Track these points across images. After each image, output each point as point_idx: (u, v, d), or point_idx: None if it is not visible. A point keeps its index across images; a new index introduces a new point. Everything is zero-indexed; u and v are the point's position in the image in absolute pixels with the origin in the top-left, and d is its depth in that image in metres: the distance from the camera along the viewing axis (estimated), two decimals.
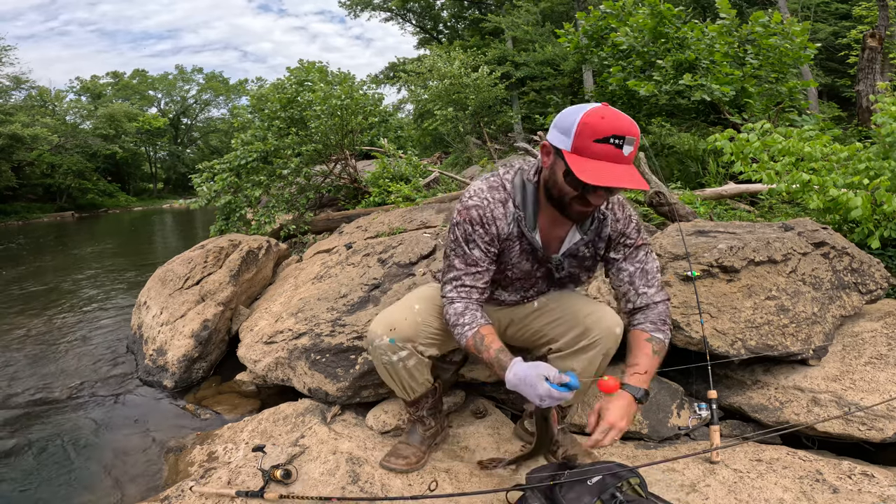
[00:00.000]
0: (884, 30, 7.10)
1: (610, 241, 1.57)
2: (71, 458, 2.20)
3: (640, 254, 1.58)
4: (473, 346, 1.48)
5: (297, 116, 6.39)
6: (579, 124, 1.27)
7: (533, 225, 1.49)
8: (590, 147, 1.27)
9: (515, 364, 1.38)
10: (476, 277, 1.53)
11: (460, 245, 1.52)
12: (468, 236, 1.50)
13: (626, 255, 1.57)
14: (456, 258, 1.54)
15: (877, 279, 2.28)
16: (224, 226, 5.96)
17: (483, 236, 1.49)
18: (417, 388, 1.76)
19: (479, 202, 1.49)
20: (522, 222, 1.49)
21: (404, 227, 3.89)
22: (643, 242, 1.58)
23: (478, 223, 1.49)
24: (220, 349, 3.15)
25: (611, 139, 1.26)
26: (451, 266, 1.55)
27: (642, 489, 1.39)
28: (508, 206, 1.50)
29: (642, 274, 1.56)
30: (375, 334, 1.65)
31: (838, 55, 14.99)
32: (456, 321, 1.52)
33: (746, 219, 3.57)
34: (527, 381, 1.34)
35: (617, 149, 1.26)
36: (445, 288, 1.57)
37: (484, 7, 22.44)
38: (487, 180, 1.53)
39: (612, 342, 1.57)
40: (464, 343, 1.51)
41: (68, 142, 31.00)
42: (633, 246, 1.57)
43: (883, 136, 2.92)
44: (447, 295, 1.56)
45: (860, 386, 1.88)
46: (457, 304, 1.54)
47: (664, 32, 5.82)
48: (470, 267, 1.52)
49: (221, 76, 50.42)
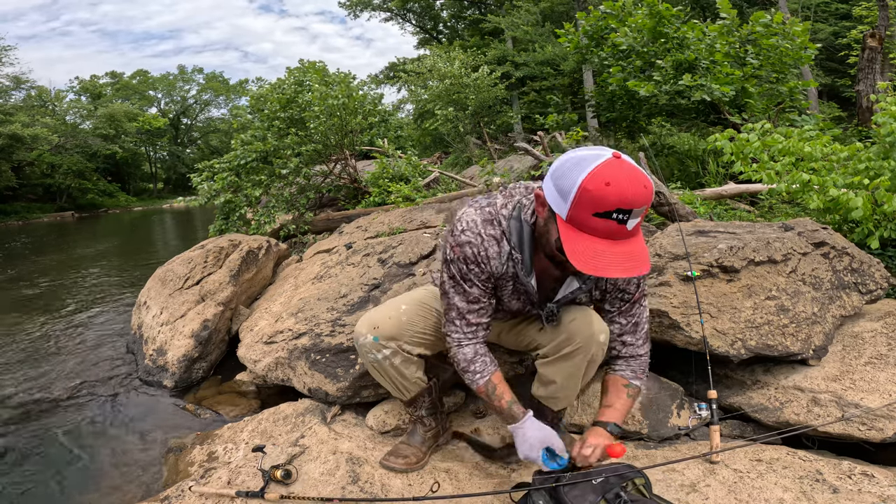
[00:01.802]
0: (884, 30, 7.10)
1: (605, 291, 1.51)
2: (71, 458, 2.20)
3: (634, 308, 1.53)
4: (485, 394, 1.53)
5: (297, 116, 6.39)
6: (579, 190, 1.10)
7: (529, 269, 1.40)
8: (588, 221, 1.11)
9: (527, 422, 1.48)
10: (480, 314, 1.51)
11: (458, 283, 1.46)
12: (464, 275, 1.43)
13: (620, 309, 1.53)
14: (455, 296, 1.48)
15: (877, 279, 2.28)
16: (223, 225, 5.96)
17: (479, 275, 1.43)
18: (410, 387, 1.76)
19: (471, 238, 1.39)
20: (519, 266, 1.40)
21: (404, 227, 3.89)
22: (640, 296, 1.52)
23: (472, 262, 1.40)
24: (220, 349, 3.15)
25: (613, 214, 1.09)
26: (452, 305, 1.49)
27: (647, 489, 1.39)
28: (503, 245, 1.39)
29: (633, 327, 1.54)
30: (360, 332, 1.68)
31: (838, 55, 14.99)
32: (466, 367, 1.53)
33: (746, 219, 3.57)
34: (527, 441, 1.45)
35: (620, 224, 1.10)
36: (449, 328, 1.53)
37: (484, 7, 22.44)
38: (483, 211, 1.41)
39: (595, 348, 1.52)
40: (474, 388, 1.54)
41: (68, 142, 31.01)
42: (630, 301, 1.52)
43: (883, 135, 2.92)
44: (452, 336, 1.53)
45: (860, 386, 1.88)
46: (466, 350, 1.52)
47: (663, 32, 5.82)
48: (472, 305, 1.48)
49: (221, 76, 50.50)
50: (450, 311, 1.51)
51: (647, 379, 2.05)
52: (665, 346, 2.10)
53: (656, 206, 3.50)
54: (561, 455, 1.41)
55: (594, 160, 1.11)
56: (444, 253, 1.47)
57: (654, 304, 2.08)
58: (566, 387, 1.61)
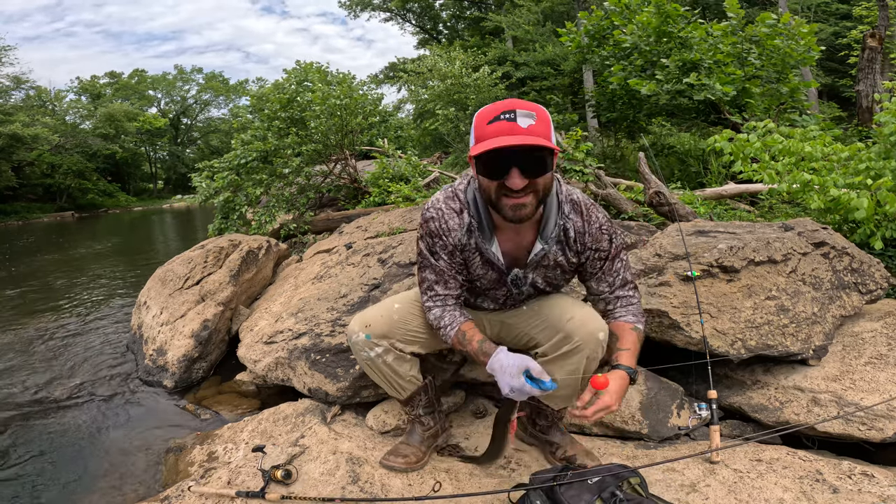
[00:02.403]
0: (884, 30, 7.10)
1: (579, 252, 1.55)
2: (71, 458, 2.20)
3: (615, 263, 1.57)
4: (458, 343, 1.55)
5: (297, 116, 6.39)
6: (476, 117, 1.34)
7: (490, 236, 1.49)
8: (485, 131, 1.29)
9: (500, 352, 1.43)
10: (448, 286, 1.58)
11: (427, 258, 1.57)
12: (431, 248, 1.54)
13: (602, 268, 1.57)
14: (425, 269, 1.59)
15: (877, 279, 2.28)
16: (223, 224, 5.96)
17: (444, 247, 1.53)
18: (406, 386, 1.77)
19: (434, 213, 1.52)
20: (476, 233, 1.49)
21: (404, 227, 3.89)
22: (618, 251, 1.56)
23: (436, 235, 1.52)
24: (220, 349, 3.15)
25: (501, 115, 1.27)
26: (424, 278, 1.60)
27: (643, 489, 1.39)
28: (464, 217, 1.50)
29: (622, 281, 1.60)
30: (352, 331, 1.71)
31: (838, 55, 14.99)
32: (438, 324, 1.59)
33: (746, 219, 3.57)
34: (506, 370, 1.37)
35: (510, 122, 1.26)
36: (423, 298, 1.63)
37: (484, 7, 22.45)
38: (445, 191, 1.55)
39: (594, 346, 1.53)
40: (450, 342, 1.57)
41: (68, 142, 31.03)
42: (608, 258, 1.56)
43: (885, 135, 2.92)
44: (426, 304, 1.63)
45: (860, 386, 1.88)
46: (435, 311, 1.60)
47: (668, 31, 5.81)
48: (439, 277, 1.57)
49: (221, 76, 50.48)
50: (422, 283, 1.62)
51: (648, 379, 2.06)
52: (665, 346, 2.10)
53: (656, 206, 3.50)
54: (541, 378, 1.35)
55: None
56: (418, 233, 1.60)
57: (654, 304, 2.08)
58: (567, 385, 1.61)
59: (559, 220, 1.49)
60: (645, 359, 2.08)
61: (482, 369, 2.12)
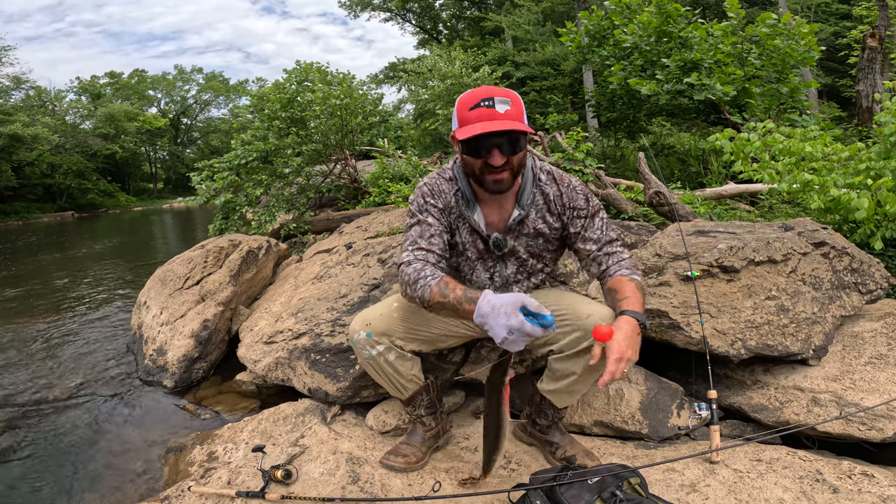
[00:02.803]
0: (884, 30, 7.10)
1: (560, 215, 1.66)
2: (71, 458, 2.20)
3: (596, 221, 1.65)
4: (439, 293, 1.43)
5: (297, 116, 6.39)
6: (457, 104, 1.50)
7: (472, 204, 1.63)
8: (467, 116, 1.46)
9: (487, 293, 1.32)
10: (431, 242, 1.59)
11: (415, 216, 1.63)
12: (421, 207, 1.63)
13: (584, 226, 1.65)
14: (412, 228, 1.63)
15: (877, 279, 2.28)
16: (223, 224, 5.96)
17: (434, 205, 1.63)
18: (407, 385, 1.77)
19: (427, 180, 1.68)
20: (461, 201, 1.63)
21: (404, 227, 3.88)
22: (596, 209, 1.66)
23: (428, 195, 1.64)
24: (220, 349, 3.15)
25: (481, 103, 1.44)
26: (408, 237, 1.63)
27: (643, 489, 1.39)
28: (452, 185, 1.66)
29: (607, 238, 1.65)
30: (353, 330, 1.71)
31: (838, 55, 14.99)
32: (417, 276, 1.49)
33: (746, 219, 3.57)
34: (499, 310, 1.25)
35: (489, 108, 1.43)
36: (402, 255, 1.58)
37: (484, 7, 22.45)
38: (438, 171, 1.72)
39: None
40: (428, 294, 1.45)
41: (68, 142, 31.02)
42: (587, 216, 1.65)
43: (885, 135, 2.92)
44: (403, 259, 1.56)
45: (860, 386, 1.88)
46: (415, 264, 1.53)
47: (668, 31, 5.81)
48: (424, 231, 1.60)
49: (221, 76, 50.46)
50: (405, 242, 1.63)
51: (647, 379, 2.06)
52: (665, 346, 2.10)
53: (656, 205, 3.50)
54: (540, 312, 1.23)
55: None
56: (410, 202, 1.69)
57: (654, 304, 2.08)
58: (582, 380, 1.64)
59: (534, 189, 1.64)
60: (645, 359, 2.08)
61: (482, 369, 2.13)
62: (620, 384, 2.04)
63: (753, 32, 5.77)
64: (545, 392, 1.74)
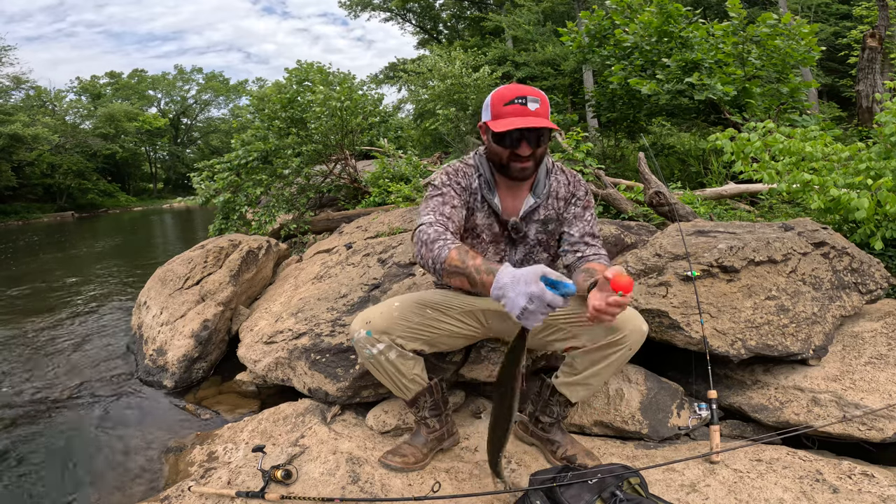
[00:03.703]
0: (884, 30, 7.09)
1: (566, 200, 1.81)
2: (71, 457, 2.20)
3: (587, 213, 1.80)
4: (458, 258, 1.41)
5: (298, 117, 6.39)
6: (492, 97, 1.64)
7: (492, 190, 1.74)
8: (502, 111, 1.60)
9: (507, 265, 1.29)
10: (452, 212, 1.66)
11: (439, 188, 1.70)
12: (445, 182, 1.71)
13: (575, 214, 1.80)
14: (432, 199, 1.68)
15: (877, 279, 2.28)
16: (223, 225, 5.96)
17: (458, 183, 1.73)
18: (410, 386, 1.76)
19: (453, 164, 1.80)
20: (483, 186, 1.74)
21: (404, 227, 3.89)
22: (589, 203, 1.82)
23: (453, 174, 1.75)
24: (220, 349, 3.15)
25: (515, 100, 1.59)
26: (428, 205, 1.67)
27: (643, 489, 1.39)
28: (474, 172, 1.77)
29: (590, 233, 1.78)
30: (354, 329, 1.72)
31: (838, 55, 14.99)
32: (437, 237, 1.49)
33: (746, 219, 3.57)
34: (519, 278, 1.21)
35: (522, 105, 1.58)
36: (421, 218, 1.62)
37: (484, 7, 22.45)
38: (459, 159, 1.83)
39: (639, 339, 1.64)
40: (445, 255, 1.43)
41: (68, 141, 31.02)
42: (581, 206, 1.80)
43: (885, 135, 2.91)
44: (424, 220, 1.59)
45: (860, 386, 1.88)
46: (436, 226, 1.55)
47: (669, 31, 5.81)
48: (446, 204, 1.67)
49: (221, 76, 50.46)
50: (425, 209, 1.67)
51: (647, 379, 2.06)
52: (665, 346, 2.10)
53: (656, 205, 3.50)
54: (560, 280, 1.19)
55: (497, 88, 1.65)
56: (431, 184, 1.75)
57: (654, 304, 2.08)
58: (601, 374, 1.69)
59: (548, 180, 1.78)
60: (645, 359, 2.08)
61: (482, 369, 2.13)
62: (621, 384, 2.05)
63: (754, 32, 5.77)
64: (560, 385, 1.75)
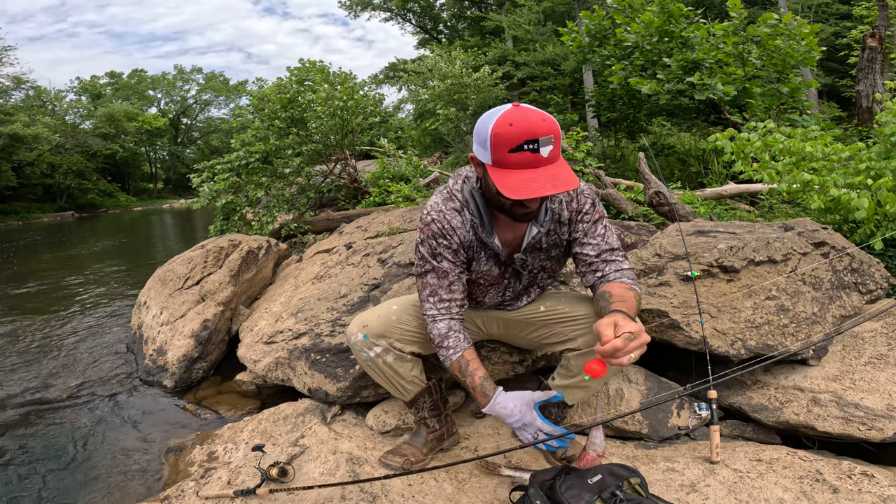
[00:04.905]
0: (884, 30, 7.09)
1: (570, 222, 1.57)
2: (71, 458, 2.20)
3: (598, 228, 1.56)
4: (458, 370, 1.51)
5: (298, 116, 6.39)
6: (491, 137, 1.26)
7: (490, 230, 1.51)
8: (507, 158, 1.26)
9: (500, 394, 1.42)
10: (451, 289, 1.55)
11: (429, 261, 1.54)
12: (434, 250, 1.53)
13: (586, 231, 1.56)
14: (427, 274, 1.55)
15: (877, 279, 2.28)
16: (224, 225, 5.96)
17: (448, 247, 1.52)
18: (409, 387, 1.76)
19: (435, 215, 1.52)
20: (479, 229, 1.51)
21: (404, 227, 3.89)
22: (600, 215, 1.58)
23: (440, 235, 1.51)
24: (220, 349, 3.15)
25: (524, 146, 1.24)
26: (426, 283, 1.56)
27: (643, 489, 1.39)
28: (465, 214, 1.52)
29: (607, 246, 1.55)
30: (351, 332, 1.72)
31: (838, 55, 14.99)
32: (441, 343, 1.55)
33: (746, 219, 3.57)
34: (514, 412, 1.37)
35: (533, 153, 1.25)
36: (424, 306, 1.58)
37: (485, 6, 22.45)
38: (441, 193, 1.56)
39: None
40: (448, 365, 1.54)
41: (68, 141, 31.03)
42: (591, 221, 1.56)
43: (886, 135, 2.91)
44: (427, 313, 1.57)
45: (860, 386, 1.88)
46: (440, 325, 1.55)
47: (670, 31, 5.81)
48: (442, 280, 1.54)
49: (222, 76, 50.46)
50: (423, 290, 1.57)
51: (647, 379, 2.06)
52: (665, 346, 2.10)
53: (656, 205, 3.50)
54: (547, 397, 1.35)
55: (498, 111, 1.29)
56: (417, 239, 1.58)
57: (654, 304, 2.08)
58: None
59: (550, 204, 1.54)
60: (645, 358, 2.08)
61: None
62: (620, 384, 2.04)
63: (754, 32, 5.77)
64: (557, 388, 1.73)
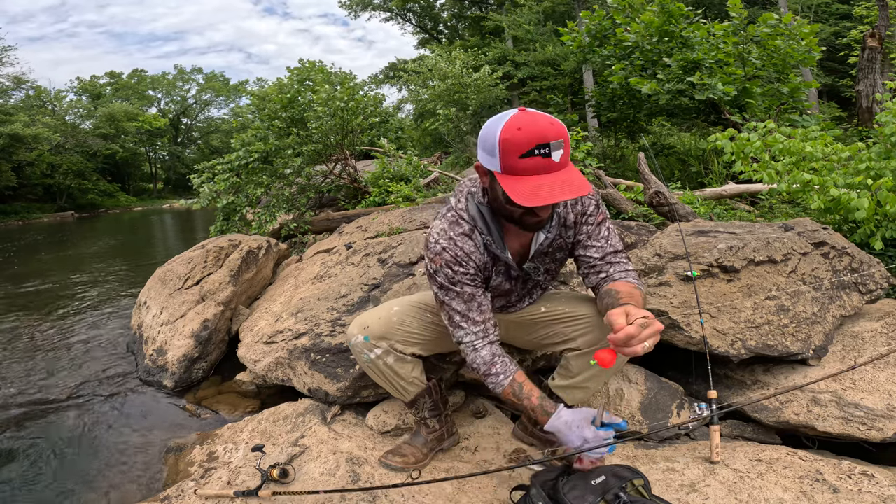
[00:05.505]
0: (884, 30, 7.09)
1: (575, 225, 1.55)
2: (71, 458, 2.20)
3: (602, 229, 1.54)
4: (512, 394, 1.49)
5: (298, 116, 6.39)
6: (500, 143, 1.23)
7: (503, 245, 1.49)
8: (518, 164, 1.23)
9: (562, 409, 1.43)
10: (482, 309, 1.51)
11: (450, 289, 1.49)
12: (451, 279, 1.48)
13: (589, 233, 1.54)
14: (451, 301, 1.50)
15: (877, 279, 2.28)
16: (224, 226, 5.96)
17: (466, 273, 1.48)
18: (409, 388, 1.76)
19: (445, 244, 1.47)
20: (493, 246, 1.48)
21: (404, 227, 3.89)
22: (603, 217, 1.56)
23: (455, 263, 1.47)
24: (220, 349, 3.15)
25: (535, 151, 1.21)
26: (453, 311, 1.51)
27: (646, 490, 1.38)
28: (475, 237, 1.48)
29: (612, 248, 1.54)
30: (351, 333, 1.71)
31: (838, 55, 14.99)
32: (488, 371, 1.51)
33: (746, 219, 3.57)
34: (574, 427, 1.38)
35: (545, 158, 1.22)
36: (458, 334, 1.53)
37: (485, 6, 22.45)
38: (446, 217, 1.50)
39: None
40: (499, 391, 1.50)
41: (68, 141, 31.03)
42: (595, 223, 1.54)
43: (886, 135, 2.91)
44: (464, 341, 1.52)
45: (860, 386, 1.88)
46: (482, 352, 1.51)
47: (670, 31, 5.81)
48: (470, 303, 1.50)
49: (222, 76, 50.46)
50: (452, 318, 1.52)
51: (647, 379, 2.06)
52: (665, 346, 2.10)
53: (656, 205, 3.49)
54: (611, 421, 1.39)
55: (504, 117, 1.26)
56: (427, 269, 1.52)
57: (654, 304, 2.08)
58: (598, 377, 1.66)
59: (556, 209, 1.51)
60: (645, 358, 2.08)
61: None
62: (620, 384, 2.04)
63: (755, 32, 5.77)
64: (556, 388, 1.73)
